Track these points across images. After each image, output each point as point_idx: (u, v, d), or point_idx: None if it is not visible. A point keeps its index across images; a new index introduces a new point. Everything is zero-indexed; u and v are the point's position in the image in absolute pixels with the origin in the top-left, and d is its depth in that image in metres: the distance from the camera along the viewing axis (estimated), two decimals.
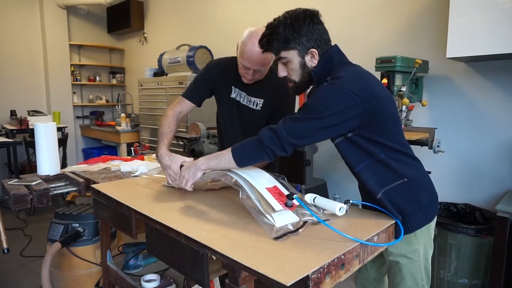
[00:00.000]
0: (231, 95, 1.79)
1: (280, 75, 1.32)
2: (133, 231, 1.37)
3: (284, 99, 1.77)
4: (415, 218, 1.24)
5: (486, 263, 2.07)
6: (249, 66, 1.59)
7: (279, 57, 1.27)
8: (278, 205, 1.12)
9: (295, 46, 1.24)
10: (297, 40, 1.23)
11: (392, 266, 1.33)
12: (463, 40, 2.06)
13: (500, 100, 2.33)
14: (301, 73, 1.28)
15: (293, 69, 1.28)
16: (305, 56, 1.26)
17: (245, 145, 1.22)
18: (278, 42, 1.24)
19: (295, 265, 0.86)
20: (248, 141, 1.23)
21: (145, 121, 4.61)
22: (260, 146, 1.18)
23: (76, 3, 5.31)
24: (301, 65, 1.27)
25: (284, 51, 1.25)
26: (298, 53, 1.25)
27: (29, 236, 3.46)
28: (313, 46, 1.25)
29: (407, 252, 1.28)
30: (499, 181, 2.38)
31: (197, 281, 1.08)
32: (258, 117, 1.78)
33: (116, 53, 6.16)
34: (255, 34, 1.52)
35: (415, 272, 1.29)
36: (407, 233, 1.23)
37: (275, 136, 1.17)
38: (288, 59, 1.26)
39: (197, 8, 4.58)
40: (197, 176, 1.34)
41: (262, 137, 1.18)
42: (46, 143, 1.84)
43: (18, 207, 1.54)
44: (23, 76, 5.19)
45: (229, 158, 1.23)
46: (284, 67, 1.30)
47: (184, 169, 1.38)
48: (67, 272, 2.33)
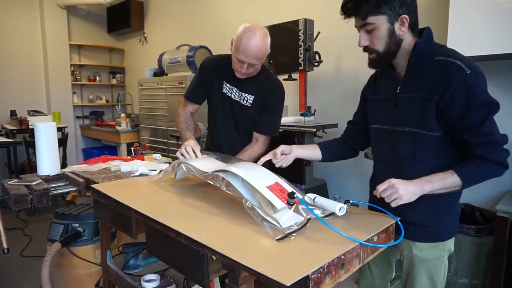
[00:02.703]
0: (223, 90, 1.85)
1: (361, 44, 1.20)
2: (133, 231, 1.37)
3: (274, 96, 1.83)
4: (450, 226, 1.27)
5: (486, 263, 2.07)
6: (244, 60, 1.63)
7: (365, 23, 1.15)
8: (280, 203, 1.11)
9: (386, 11, 1.12)
10: (388, 4, 1.11)
11: (412, 268, 1.31)
12: (463, 40, 2.06)
13: (500, 100, 2.29)
14: (387, 42, 1.16)
15: (380, 37, 1.15)
16: (395, 23, 1.14)
17: (477, 171, 1.13)
18: (368, 5, 1.12)
19: (295, 265, 0.86)
20: (480, 167, 1.12)
21: (145, 121, 4.60)
22: (502, 167, 1.13)
23: (76, 3, 5.31)
24: (389, 33, 1.15)
25: (373, 16, 1.12)
26: (388, 19, 1.13)
27: (29, 236, 3.46)
28: (405, 12, 1.13)
29: (433, 257, 1.27)
30: (499, 181, 2.34)
31: (197, 281, 1.08)
32: (248, 113, 1.83)
33: (116, 53, 6.16)
34: (250, 29, 1.60)
35: (435, 278, 1.28)
36: (442, 240, 1.26)
37: (502, 147, 1.14)
38: (375, 26, 1.14)
39: (197, 8, 4.59)
40: (414, 198, 1.13)
41: (499, 159, 1.12)
42: (46, 143, 1.84)
43: (18, 207, 1.53)
44: (23, 76, 5.19)
45: (455, 180, 1.13)
46: (367, 36, 1.18)
47: (399, 185, 1.12)
48: (67, 272, 2.33)
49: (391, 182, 1.12)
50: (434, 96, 1.13)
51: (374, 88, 1.38)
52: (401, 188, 1.10)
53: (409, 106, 1.19)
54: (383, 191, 1.12)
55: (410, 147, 1.21)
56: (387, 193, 1.11)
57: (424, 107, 1.15)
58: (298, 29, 2.74)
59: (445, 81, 1.10)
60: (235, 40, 1.65)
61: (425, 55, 1.16)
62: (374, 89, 1.37)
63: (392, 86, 1.26)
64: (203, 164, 1.44)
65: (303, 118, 2.90)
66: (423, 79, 1.16)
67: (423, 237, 1.26)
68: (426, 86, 1.15)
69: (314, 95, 3.20)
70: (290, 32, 2.79)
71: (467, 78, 1.08)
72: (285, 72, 2.92)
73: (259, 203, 1.13)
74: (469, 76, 1.08)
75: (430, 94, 1.13)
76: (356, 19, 1.17)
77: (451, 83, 1.09)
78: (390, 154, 1.29)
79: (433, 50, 1.16)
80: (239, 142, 1.89)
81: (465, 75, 1.08)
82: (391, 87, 1.27)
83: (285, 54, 2.86)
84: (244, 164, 1.38)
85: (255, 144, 1.84)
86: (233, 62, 1.71)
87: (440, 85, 1.11)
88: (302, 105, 2.90)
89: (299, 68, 2.80)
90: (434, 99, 1.13)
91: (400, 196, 1.10)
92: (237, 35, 1.64)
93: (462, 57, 1.12)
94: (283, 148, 1.42)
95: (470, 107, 1.10)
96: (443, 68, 1.11)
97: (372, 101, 1.37)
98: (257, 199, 1.14)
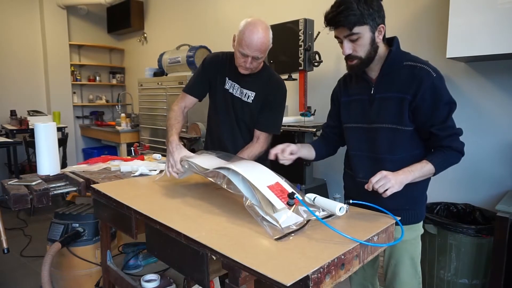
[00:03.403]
0: (225, 86, 1.85)
1: (345, 53, 1.31)
2: (133, 231, 1.37)
3: (276, 94, 1.84)
4: (423, 209, 1.46)
5: (486, 263, 2.07)
6: (248, 53, 1.64)
7: (352, 33, 1.26)
8: (280, 203, 1.11)
9: (369, 22, 1.25)
10: (371, 15, 1.24)
11: (394, 250, 1.46)
12: (463, 40, 2.06)
13: (500, 100, 2.33)
14: (368, 50, 1.29)
15: (363, 45, 1.28)
16: (375, 32, 1.28)
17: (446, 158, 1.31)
18: (354, 17, 1.23)
19: (295, 265, 0.86)
20: (447, 155, 1.31)
21: (145, 121, 4.60)
22: (461, 154, 1.33)
23: (76, 3, 5.31)
24: (371, 41, 1.28)
25: (359, 26, 1.24)
26: (370, 28, 1.26)
27: (29, 236, 3.46)
28: (382, 22, 1.28)
29: (412, 238, 1.43)
30: (499, 181, 2.37)
31: (197, 281, 1.08)
32: (249, 110, 1.84)
33: (116, 53, 6.16)
34: (252, 23, 1.63)
35: (415, 257, 1.45)
36: (418, 221, 1.45)
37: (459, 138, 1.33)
38: (360, 35, 1.26)
39: (197, 8, 4.59)
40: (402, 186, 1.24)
41: (460, 148, 1.32)
42: (46, 143, 1.84)
43: (18, 207, 1.54)
44: (23, 76, 5.19)
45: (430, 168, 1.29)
46: (350, 44, 1.29)
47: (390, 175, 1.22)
48: (67, 272, 2.32)
49: (383, 173, 1.22)
50: (407, 96, 1.29)
51: (345, 90, 1.51)
52: (392, 178, 1.21)
53: (385, 105, 1.34)
54: (376, 182, 1.21)
55: (387, 141, 1.36)
56: (380, 184, 1.20)
57: (400, 106, 1.31)
58: (298, 29, 2.74)
59: (416, 83, 1.28)
60: (238, 34, 1.66)
61: (395, 61, 1.33)
62: (346, 92, 1.50)
63: (365, 88, 1.40)
64: (205, 161, 1.44)
65: (303, 118, 2.90)
66: (394, 82, 1.33)
67: (403, 220, 1.34)
68: (399, 87, 1.31)
69: (314, 95, 3.21)
70: (290, 32, 2.79)
71: (434, 81, 1.27)
72: (285, 72, 2.92)
73: (258, 202, 1.13)
74: (435, 79, 1.27)
75: (403, 94, 1.29)
76: (342, 30, 1.27)
77: (421, 85, 1.27)
78: (368, 149, 1.42)
79: (401, 57, 1.34)
80: (241, 138, 1.89)
81: (433, 78, 1.27)
82: (364, 88, 1.40)
83: (285, 54, 2.86)
84: (245, 163, 1.38)
85: (256, 143, 1.84)
86: (236, 57, 1.71)
87: (412, 87, 1.28)
88: (302, 105, 2.90)
89: (299, 68, 2.80)
90: (407, 99, 1.29)
91: (393, 185, 1.21)
92: (240, 30, 1.65)
93: (427, 62, 1.31)
94: (293, 148, 1.46)
95: (437, 105, 1.28)
96: (413, 72, 1.29)
97: (345, 103, 1.50)
98: (257, 198, 1.14)
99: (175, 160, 1.52)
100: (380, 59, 1.34)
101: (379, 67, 1.35)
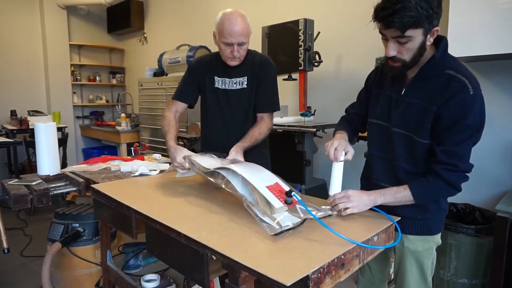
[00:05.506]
0: (215, 85, 1.87)
1: (389, 54, 1.16)
2: (133, 231, 1.37)
3: (266, 69, 1.85)
4: (438, 222, 1.33)
5: (486, 263, 2.07)
6: (233, 41, 1.67)
7: (402, 35, 1.09)
8: (278, 202, 1.12)
9: (425, 25, 1.08)
10: (429, 17, 1.07)
11: (403, 259, 1.36)
12: (463, 40, 2.06)
13: (500, 100, 2.33)
14: (415, 54, 1.14)
15: (411, 48, 1.13)
16: (427, 35, 1.12)
17: (428, 188, 1.18)
18: (411, 19, 1.06)
19: (295, 265, 0.86)
20: (431, 184, 1.17)
21: (145, 121, 4.60)
22: (454, 189, 1.18)
23: (76, 3, 5.31)
24: (420, 45, 1.13)
25: (412, 29, 1.08)
26: (423, 32, 1.10)
27: (29, 236, 3.46)
28: (437, 24, 1.11)
29: (423, 249, 1.32)
30: (499, 181, 2.37)
31: (197, 281, 1.08)
32: (245, 95, 1.85)
33: (116, 53, 6.16)
34: (227, 12, 1.67)
35: (426, 269, 1.34)
36: (432, 233, 1.32)
37: (463, 173, 1.17)
38: (411, 38, 1.10)
39: (197, 8, 4.59)
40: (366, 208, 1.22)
41: (453, 182, 1.16)
42: (46, 143, 1.84)
43: (18, 207, 1.54)
44: (23, 76, 5.19)
45: (406, 195, 1.19)
46: (396, 46, 1.14)
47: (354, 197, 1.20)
48: (67, 272, 2.33)
49: (348, 192, 1.21)
50: (433, 107, 1.16)
51: (379, 81, 1.38)
52: (355, 199, 1.19)
53: (409, 110, 1.23)
54: (338, 199, 1.20)
55: (404, 149, 1.25)
56: (340, 201, 1.19)
57: (423, 115, 1.18)
58: (298, 29, 2.74)
59: (448, 95, 1.13)
60: (217, 28, 1.70)
61: (436, 67, 1.18)
62: (379, 83, 1.38)
63: (398, 86, 1.29)
64: (206, 161, 1.46)
65: (303, 118, 2.90)
66: (427, 89, 1.19)
67: (414, 230, 1.31)
68: (429, 96, 1.18)
69: (314, 95, 3.20)
70: (290, 32, 2.79)
71: (467, 98, 1.11)
72: (285, 72, 2.92)
73: (256, 202, 1.13)
74: (470, 96, 1.11)
75: (430, 104, 1.16)
76: (392, 30, 1.11)
77: (452, 98, 1.12)
78: (387, 151, 1.32)
79: (445, 63, 1.18)
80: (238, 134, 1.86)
81: (467, 94, 1.11)
82: (396, 86, 1.29)
83: (285, 54, 2.86)
84: (246, 164, 1.39)
85: (262, 122, 1.84)
86: (222, 50, 1.73)
87: (442, 98, 1.14)
88: (302, 105, 2.90)
89: (299, 68, 2.80)
90: (432, 109, 1.16)
91: (353, 206, 1.19)
92: (217, 23, 1.69)
93: (471, 76, 1.15)
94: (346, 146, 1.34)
95: (457, 124, 1.13)
96: (451, 83, 1.14)
97: (375, 95, 1.39)
98: (254, 197, 1.14)
99: (179, 162, 1.59)
100: (423, 61, 1.19)
101: (418, 69, 1.22)
